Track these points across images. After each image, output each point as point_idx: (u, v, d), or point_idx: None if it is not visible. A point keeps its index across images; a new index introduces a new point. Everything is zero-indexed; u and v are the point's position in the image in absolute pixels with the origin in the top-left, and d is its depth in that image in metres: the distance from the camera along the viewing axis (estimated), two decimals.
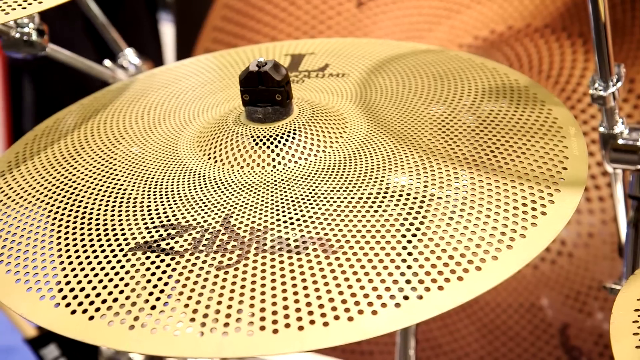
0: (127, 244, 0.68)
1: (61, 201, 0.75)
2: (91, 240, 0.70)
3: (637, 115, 1.13)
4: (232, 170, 0.76)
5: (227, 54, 1.00)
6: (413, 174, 0.73)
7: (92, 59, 1.07)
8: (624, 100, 1.14)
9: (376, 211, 0.69)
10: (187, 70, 0.99)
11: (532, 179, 0.72)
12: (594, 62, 0.89)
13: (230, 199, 0.72)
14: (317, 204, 0.70)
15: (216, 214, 0.70)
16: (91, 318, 0.63)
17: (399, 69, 0.91)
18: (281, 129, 0.78)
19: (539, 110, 0.81)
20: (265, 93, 0.79)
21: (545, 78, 1.19)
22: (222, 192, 0.73)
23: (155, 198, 0.73)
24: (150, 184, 0.75)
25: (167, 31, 2.21)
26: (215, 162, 0.77)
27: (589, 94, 0.86)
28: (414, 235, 0.66)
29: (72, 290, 0.65)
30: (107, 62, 1.10)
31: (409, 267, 0.64)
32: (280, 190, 0.72)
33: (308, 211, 0.69)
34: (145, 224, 0.70)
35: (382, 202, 0.70)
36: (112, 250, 0.68)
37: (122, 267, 0.66)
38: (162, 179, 0.76)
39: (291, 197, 0.71)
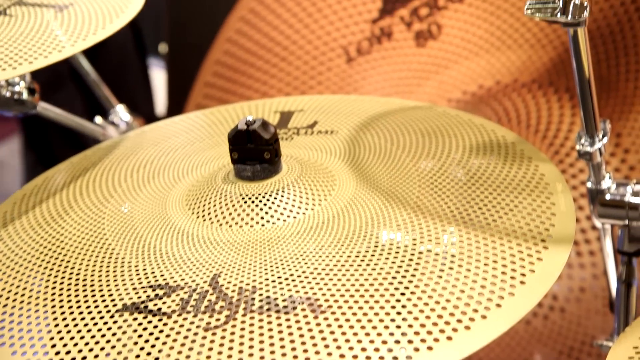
0: (114, 306, 0.68)
1: (48, 261, 0.75)
2: (78, 302, 0.69)
3: (624, 169, 1.13)
4: (221, 229, 0.76)
5: (217, 111, 1.01)
6: (402, 231, 0.73)
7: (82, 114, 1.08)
8: (611, 154, 1.14)
9: (365, 269, 0.69)
10: (177, 127, 0.99)
11: (520, 236, 0.72)
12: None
13: (218, 258, 0.72)
14: (306, 263, 0.70)
15: (204, 273, 0.70)
16: None
17: (387, 126, 0.92)
18: (270, 187, 0.78)
19: (526, 167, 0.82)
20: (254, 151, 0.79)
21: (533, 132, 1.20)
22: (211, 251, 0.73)
23: (143, 258, 0.73)
24: (139, 244, 0.75)
25: (159, 77, 2.22)
26: (204, 220, 0.77)
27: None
28: (403, 294, 0.66)
29: (57, 353, 0.65)
30: (98, 119, 1.10)
31: (398, 326, 0.63)
32: (269, 249, 0.72)
33: (297, 270, 0.69)
34: (133, 284, 0.70)
35: (370, 259, 0.70)
36: (99, 312, 0.68)
37: (109, 329, 0.66)
38: (151, 238, 0.76)
39: (280, 256, 0.71)
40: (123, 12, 0.88)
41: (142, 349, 0.64)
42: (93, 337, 0.65)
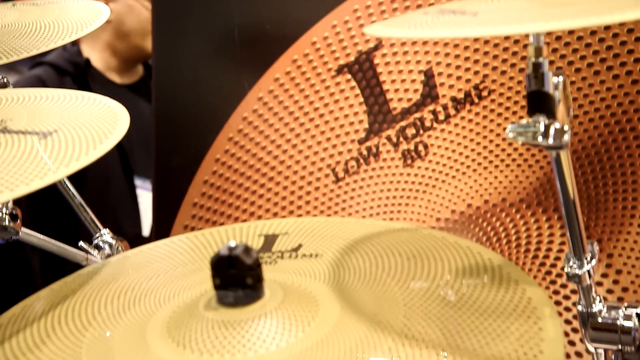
0: None
1: None
2: None
3: (617, 291, 1.12)
4: (202, 358, 0.74)
5: (201, 235, 1.00)
6: (388, 358, 0.71)
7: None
8: (603, 275, 1.13)
9: None
10: (161, 252, 0.98)
11: None
12: None
13: None
14: None
15: None
16: None
17: (373, 249, 0.91)
18: (252, 314, 0.76)
19: (513, 290, 0.80)
20: (236, 277, 0.78)
21: (523, 252, 1.19)
22: None
23: None
24: None
25: (149, 200, 2.23)
26: (184, 349, 0.75)
27: None
28: None
29: None
30: (82, 244, 1.09)
31: None
32: None
33: None
34: None
35: None
36: None
37: None
38: None
39: None
40: (107, 138, 0.88)
41: None
42: None
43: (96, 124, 0.91)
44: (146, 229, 2.24)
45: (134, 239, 1.21)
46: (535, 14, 0.77)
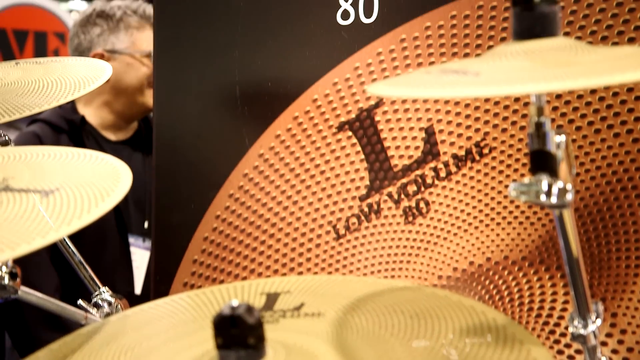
0: None
1: None
2: None
3: (622, 351, 1.11)
4: None
5: (201, 293, 0.99)
6: None
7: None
8: (608, 334, 1.12)
9: None
10: (161, 311, 0.97)
11: None
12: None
13: None
14: None
15: None
16: None
17: (376, 308, 0.90)
18: None
19: (518, 350, 0.79)
20: (238, 336, 0.77)
21: (527, 310, 1.18)
22: None
23: None
24: None
25: (140, 257, 2.22)
26: None
27: None
28: None
29: None
30: (81, 302, 1.08)
31: None
32: None
33: None
34: None
35: None
36: None
37: None
38: None
39: None
40: (109, 196, 0.88)
41: None
42: None
43: (98, 182, 0.91)
44: (138, 287, 2.23)
45: (127, 298, 1.20)
46: (536, 74, 0.77)
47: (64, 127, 2.16)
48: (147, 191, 2.24)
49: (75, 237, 1.17)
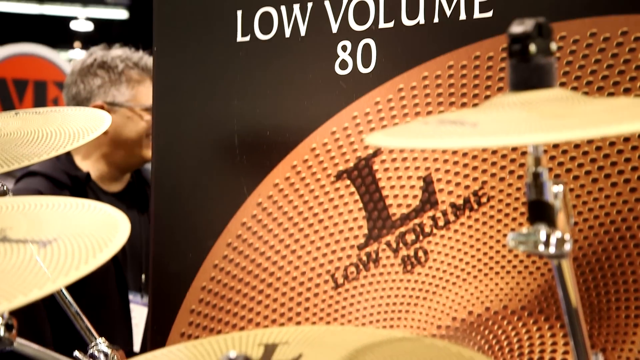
0: None
1: None
2: None
3: None
4: None
5: (199, 344, 0.98)
6: None
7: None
8: None
9: None
10: None
11: None
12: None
13: None
14: None
15: None
16: None
17: (375, 359, 0.89)
18: None
19: None
20: None
21: None
22: None
23: None
24: None
25: (140, 314, 2.20)
26: None
27: None
28: None
29: None
30: (77, 354, 1.08)
31: None
32: None
33: None
34: None
35: None
36: None
37: None
38: None
39: None
40: (107, 246, 0.87)
41: None
42: None
43: (96, 232, 0.91)
44: (137, 344, 2.21)
45: (126, 355, 1.19)
46: (533, 124, 0.78)
47: (67, 183, 2.15)
48: (143, 245, 2.24)
49: (74, 293, 1.16)
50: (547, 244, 0.78)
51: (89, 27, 14.17)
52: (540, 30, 0.83)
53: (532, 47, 0.83)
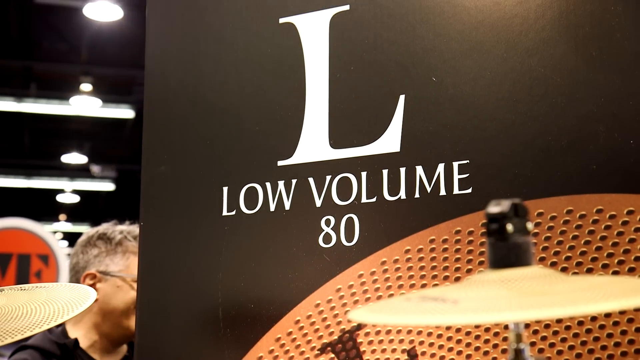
0: None
1: None
2: None
3: None
4: None
5: None
6: None
7: None
8: None
9: None
10: None
11: None
12: None
13: None
14: None
15: None
16: None
17: None
18: None
19: None
20: None
21: None
22: None
23: None
24: None
25: None
26: None
27: None
28: None
29: None
30: None
31: None
32: None
33: None
34: None
35: None
36: None
37: None
38: None
39: None
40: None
41: None
42: None
43: None
44: None
45: None
46: (513, 302, 0.79)
47: (56, 352, 2.13)
48: None
49: None
50: None
51: (75, 199, 14.31)
52: (517, 211, 0.86)
53: (509, 227, 0.85)
